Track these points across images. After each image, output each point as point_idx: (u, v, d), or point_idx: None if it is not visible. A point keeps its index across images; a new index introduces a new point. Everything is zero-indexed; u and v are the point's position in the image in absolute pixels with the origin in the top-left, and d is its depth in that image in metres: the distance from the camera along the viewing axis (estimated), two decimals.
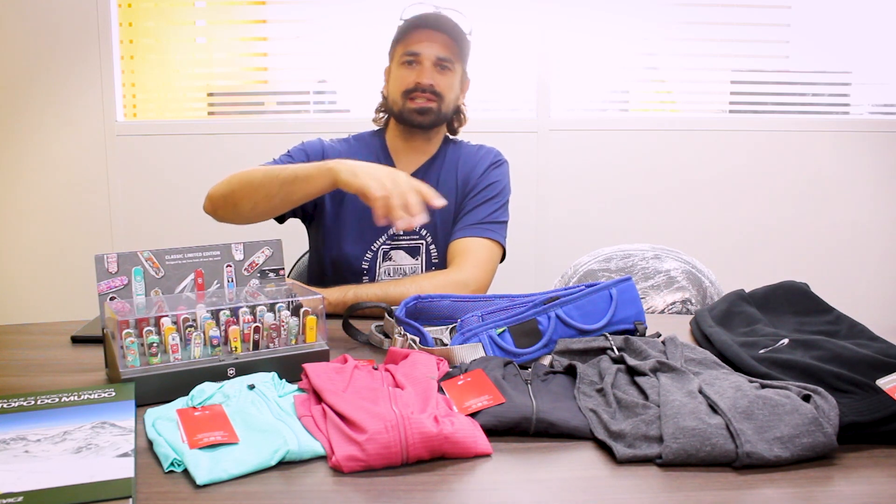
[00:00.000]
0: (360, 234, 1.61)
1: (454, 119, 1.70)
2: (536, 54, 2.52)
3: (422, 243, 1.63)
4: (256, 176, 1.42)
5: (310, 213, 1.65)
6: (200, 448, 0.80)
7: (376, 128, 1.74)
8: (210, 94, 2.63)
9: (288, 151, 1.62)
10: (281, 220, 1.61)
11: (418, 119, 1.60)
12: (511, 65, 2.56)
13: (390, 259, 1.62)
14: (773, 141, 2.58)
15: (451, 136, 1.74)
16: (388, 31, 1.66)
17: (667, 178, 2.57)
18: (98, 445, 0.80)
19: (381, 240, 1.62)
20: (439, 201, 1.25)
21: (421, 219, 1.21)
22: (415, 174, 1.63)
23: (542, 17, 2.50)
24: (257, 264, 1.18)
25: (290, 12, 2.58)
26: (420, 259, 1.63)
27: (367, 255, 1.62)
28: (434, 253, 1.64)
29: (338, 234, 1.63)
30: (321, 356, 1.06)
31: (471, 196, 1.64)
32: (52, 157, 2.51)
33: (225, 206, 1.45)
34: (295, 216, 1.65)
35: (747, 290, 1.29)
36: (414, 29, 1.58)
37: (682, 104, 2.67)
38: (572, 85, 2.59)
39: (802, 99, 2.65)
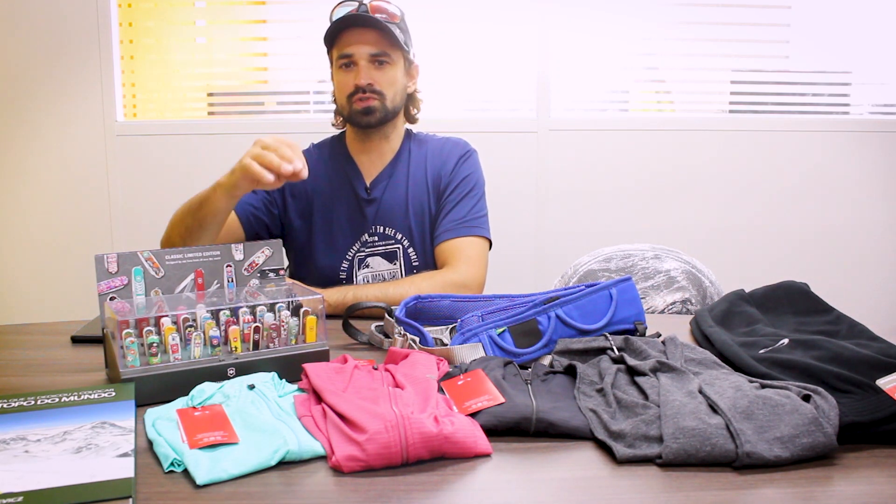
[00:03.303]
0: (332, 245, 1.61)
1: (409, 107, 1.68)
2: (536, 54, 2.52)
3: (398, 247, 1.61)
4: (178, 213, 1.45)
5: (277, 234, 1.63)
6: (200, 448, 0.80)
7: (338, 132, 1.72)
8: (210, 94, 2.63)
9: None
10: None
11: (365, 119, 1.57)
12: (511, 65, 2.55)
13: (367, 266, 1.61)
14: (773, 141, 2.57)
15: (413, 131, 1.71)
16: None
17: (667, 178, 2.57)
18: (98, 445, 0.80)
19: (354, 248, 1.61)
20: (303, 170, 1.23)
21: (300, 164, 1.22)
22: (381, 175, 1.63)
23: (542, 17, 2.50)
24: (257, 264, 1.18)
25: (290, 12, 2.58)
26: (398, 263, 1.62)
27: (343, 264, 1.61)
28: (413, 256, 1.62)
29: (310, 249, 1.63)
30: (321, 356, 1.06)
31: (447, 195, 1.62)
32: (52, 157, 2.51)
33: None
34: (259, 238, 1.60)
35: (747, 290, 1.28)
36: (343, 30, 1.55)
37: (682, 104, 2.67)
38: (572, 85, 2.59)
39: (802, 99, 2.65)
